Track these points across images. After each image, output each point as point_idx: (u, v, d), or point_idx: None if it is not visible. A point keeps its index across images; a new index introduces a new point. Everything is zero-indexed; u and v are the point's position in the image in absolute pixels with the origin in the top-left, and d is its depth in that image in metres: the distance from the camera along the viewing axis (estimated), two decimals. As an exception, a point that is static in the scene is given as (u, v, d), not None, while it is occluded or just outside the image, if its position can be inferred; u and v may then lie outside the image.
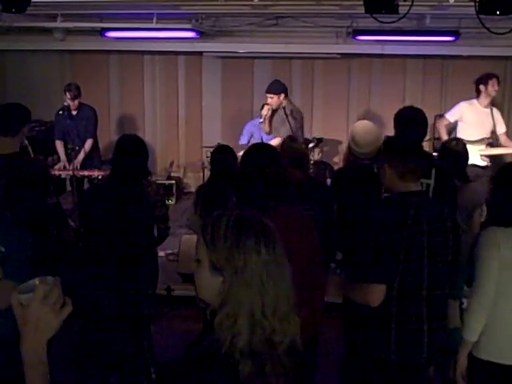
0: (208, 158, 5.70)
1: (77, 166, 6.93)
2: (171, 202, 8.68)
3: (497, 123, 6.78)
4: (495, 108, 6.92)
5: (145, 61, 9.56)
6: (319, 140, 8.58)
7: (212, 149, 5.31)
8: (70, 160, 6.96)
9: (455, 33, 7.54)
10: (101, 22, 8.06)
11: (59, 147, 7.36)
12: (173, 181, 9.04)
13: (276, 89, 6.69)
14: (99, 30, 7.97)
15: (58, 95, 8.96)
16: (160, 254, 4.94)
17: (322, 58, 9.00)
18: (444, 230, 2.94)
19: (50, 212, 4.44)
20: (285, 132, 6.32)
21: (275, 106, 6.76)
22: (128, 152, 3.93)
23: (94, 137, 7.38)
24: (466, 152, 4.56)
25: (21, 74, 9.46)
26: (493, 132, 6.80)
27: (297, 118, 6.69)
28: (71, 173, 6.80)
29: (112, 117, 9.61)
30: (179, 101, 9.63)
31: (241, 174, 3.06)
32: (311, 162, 7.32)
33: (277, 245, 1.68)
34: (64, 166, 7.15)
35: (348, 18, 7.71)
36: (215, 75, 9.42)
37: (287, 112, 6.64)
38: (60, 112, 7.13)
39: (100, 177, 6.73)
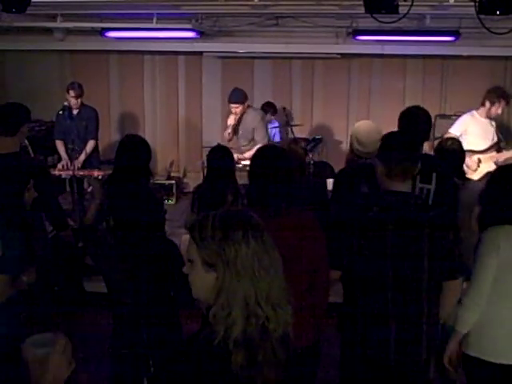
0: (208, 158, 5.71)
1: (78, 167, 6.95)
2: (171, 202, 8.69)
3: (495, 133, 6.82)
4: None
5: (145, 61, 9.56)
6: (319, 140, 8.59)
7: (212, 149, 5.32)
8: (71, 160, 6.97)
9: (455, 33, 7.53)
10: (101, 22, 8.05)
11: (59, 146, 7.36)
12: (173, 181, 9.04)
13: (240, 98, 6.85)
14: (99, 30, 7.97)
15: (58, 95, 8.99)
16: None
17: (322, 58, 9.00)
18: (416, 236, 2.80)
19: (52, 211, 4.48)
20: (261, 137, 6.78)
21: (240, 115, 6.93)
22: (131, 152, 3.94)
23: (96, 138, 7.36)
24: (462, 150, 4.64)
25: (21, 74, 9.46)
26: (495, 142, 6.82)
27: (263, 119, 7.04)
28: (71, 173, 6.80)
29: (112, 117, 9.62)
30: (179, 101, 9.63)
31: (254, 174, 3.02)
32: (311, 163, 7.34)
33: (265, 235, 1.73)
34: (66, 165, 7.16)
35: (348, 18, 7.71)
36: (215, 75, 9.42)
37: (251, 117, 6.89)
38: (60, 112, 7.12)
39: (100, 177, 6.73)
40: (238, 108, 6.85)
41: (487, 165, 6.57)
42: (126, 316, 3.11)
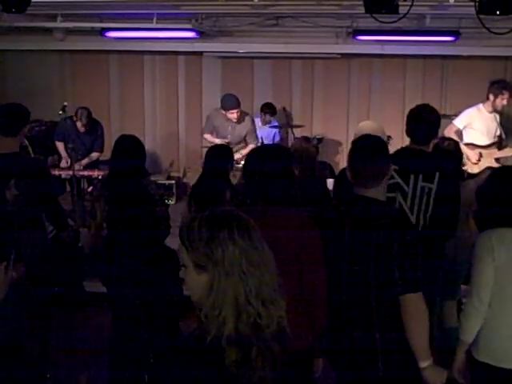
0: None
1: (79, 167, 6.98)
2: (171, 202, 8.68)
3: (498, 127, 6.82)
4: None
5: (145, 61, 9.55)
6: (319, 140, 8.58)
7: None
8: (71, 160, 6.97)
9: (455, 33, 7.54)
10: (101, 22, 8.05)
11: (60, 146, 7.37)
12: (173, 181, 9.03)
13: (237, 102, 7.05)
14: (99, 30, 7.97)
15: (58, 95, 9.01)
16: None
17: (322, 58, 8.99)
18: (365, 242, 2.77)
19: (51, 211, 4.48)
20: (254, 140, 7.21)
21: (237, 119, 7.12)
22: (126, 152, 3.94)
23: (102, 151, 7.41)
24: (459, 151, 4.67)
25: (21, 74, 9.45)
26: (498, 136, 6.82)
27: (254, 122, 7.37)
28: (71, 173, 6.81)
29: (112, 117, 9.60)
30: (179, 101, 9.62)
31: (250, 174, 3.00)
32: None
33: (252, 232, 1.74)
34: (67, 163, 7.18)
35: (348, 18, 7.71)
36: (215, 75, 9.42)
37: (245, 121, 7.19)
38: (62, 116, 7.16)
39: (100, 177, 6.74)
40: (238, 112, 7.01)
41: (487, 160, 6.60)
42: (126, 316, 3.12)
